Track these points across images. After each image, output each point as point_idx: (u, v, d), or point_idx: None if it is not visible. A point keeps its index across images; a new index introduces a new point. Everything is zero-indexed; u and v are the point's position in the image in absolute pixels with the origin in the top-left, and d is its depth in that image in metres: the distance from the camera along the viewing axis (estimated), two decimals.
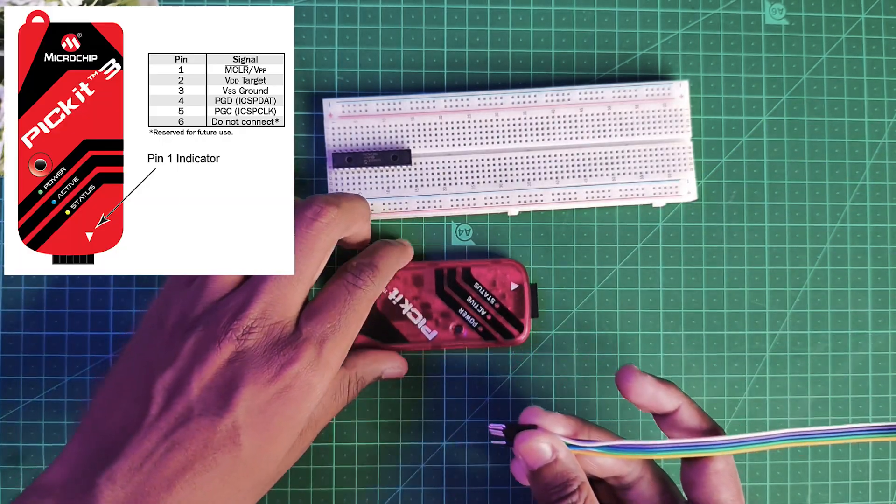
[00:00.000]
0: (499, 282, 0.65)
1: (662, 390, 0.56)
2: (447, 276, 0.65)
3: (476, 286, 0.65)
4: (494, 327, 0.65)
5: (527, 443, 0.54)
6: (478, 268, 0.65)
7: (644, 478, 0.58)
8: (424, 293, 0.65)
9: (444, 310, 0.65)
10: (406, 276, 0.65)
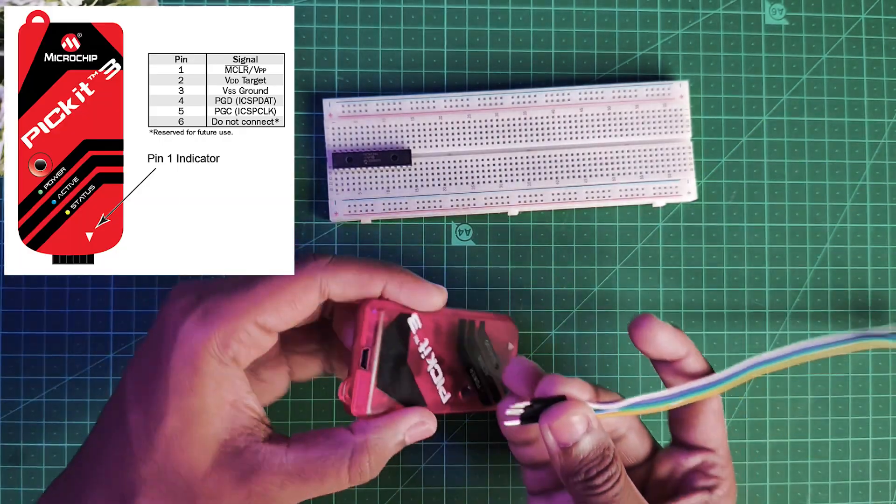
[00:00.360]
0: (499, 339, 0.60)
1: (679, 338, 0.54)
2: (467, 330, 0.57)
3: (486, 343, 0.58)
4: (493, 391, 0.58)
5: (560, 418, 0.50)
6: (491, 321, 0.59)
7: (633, 428, 0.58)
8: (450, 344, 0.56)
9: (457, 367, 0.56)
10: (438, 323, 0.55)
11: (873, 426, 0.67)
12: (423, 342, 0.54)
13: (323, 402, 0.65)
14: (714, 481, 0.55)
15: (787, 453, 0.67)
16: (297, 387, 0.64)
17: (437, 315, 0.54)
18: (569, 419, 0.50)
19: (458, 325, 0.56)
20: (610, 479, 0.49)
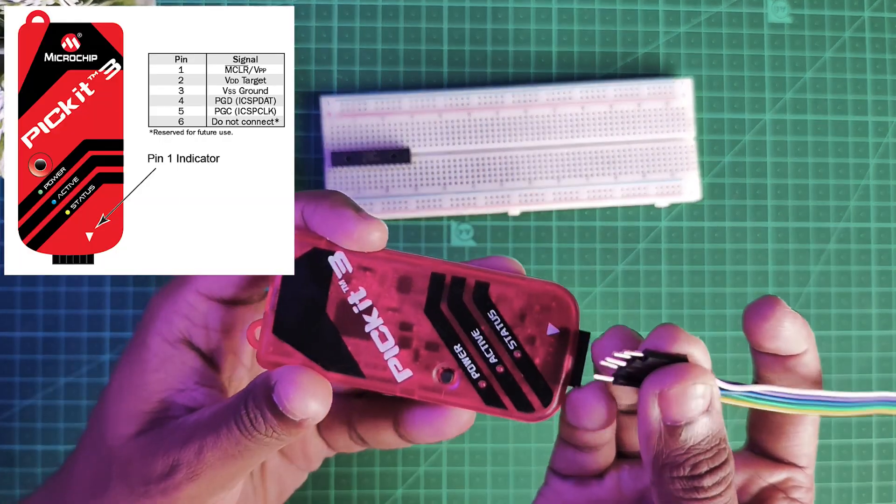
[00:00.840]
0: (531, 316, 0.44)
1: (804, 331, 0.43)
2: (450, 289, 0.44)
3: (492, 315, 0.44)
4: (506, 387, 0.44)
5: (678, 385, 0.39)
6: (502, 286, 0.44)
7: None
8: (409, 306, 0.44)
9: (434, 340, 0.44)
10: (386, 269, 0.44)
11: (876, 428, 0.66)
12: (357, 292, 0.44)
13: None
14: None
15: None
16: None
17: (394, 260, 0.45)
18: (689, 388, 0.39)
19: (430, 283, 0.44)
20: (721, 483, 0.39)
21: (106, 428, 0.47)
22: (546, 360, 0.44)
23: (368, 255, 0.44)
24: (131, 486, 0.45)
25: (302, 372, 0.43)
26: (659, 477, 0.40)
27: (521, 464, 0.65)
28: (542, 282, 0.44)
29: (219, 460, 0.44)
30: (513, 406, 0.44)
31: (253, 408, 0.43)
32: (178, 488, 0.44)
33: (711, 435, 0.40)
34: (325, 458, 0.56)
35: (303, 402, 0.42)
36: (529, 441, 0.65)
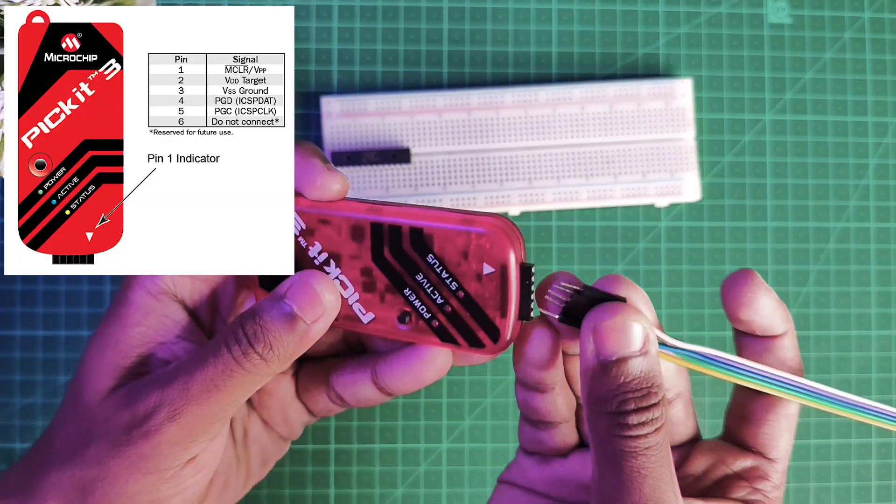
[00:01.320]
0: (473, 255, 0.44)
1: (780, 311, 0.44)
2: (388, 236, 0.45)
3: (430, 259, 0.45)
4: (455, 325, 0.45)
5: (612, 319, 0.40)
6: (438, 229, 0.44)
7: (682, 396, 0.47)
8: (364, 252, 0.46)
9: (389, 284, 0.46)
10: (340, 223, 0.46)
11: (876, 428, 0.66)
12: (315, 246, 0.46)
13: None
14: (759, 497, 0.45)
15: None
16: None
17: (341, 211, 0.46)
18: (624, 323, 0.40)
19: (370, 231, 0.45)
20: (646, 423, 0.40)
21: (84, 387, 0.47)
22: (490, 296, 0.44)
23: (320, 208, 0.46)
24: (113, 440, 0.45)
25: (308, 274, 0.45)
26: (590, 413, 0.41)
27: None
28: (483, 217, 0.44)
29: (203, 392, 0.44)
30: (465, 343, 0.45)
31: (252, 325, 0.43)
32: (160, 430, 0.44)
33: (643, 376, 0.40)
34: (305, 424, 0.56)
35: (318, 297, 0.44)
36: None
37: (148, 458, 0.45)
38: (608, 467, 0.40)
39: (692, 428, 0.48)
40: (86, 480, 0.46)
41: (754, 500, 0.45)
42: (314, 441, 0.65)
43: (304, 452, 0.65)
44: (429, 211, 0.45)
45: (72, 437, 0.47)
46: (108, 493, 0.46)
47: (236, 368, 0.43)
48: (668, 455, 0.41)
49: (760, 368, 0.43)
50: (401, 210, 0.45)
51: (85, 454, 0.46)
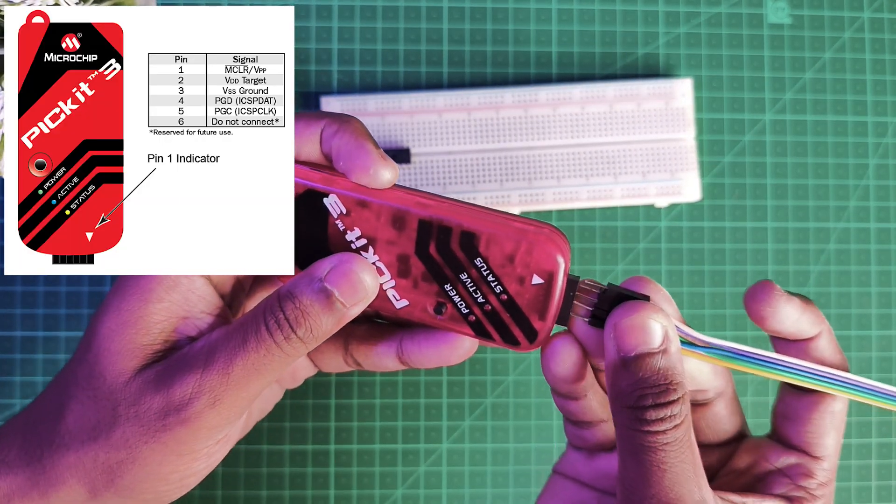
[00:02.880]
0: (520, 260, 0.45)
1: (807, 315, 0.45)
2: (437, 234, 0.45)
3: (479, 262, 0.45)
4: (493, 322, 0.46)
5: (632, 317, 0.42)
6: (491, 230, 0.45)
7: (725, 395, 0.48)
8: (405, 241, 0.45)
9: (428, 273, 0.46)
10: (381, 208, 0.45)
11: (876, 428, 0.66)
12: (354, 230, 0.45)
13: (321, 380, 0.65)
14: (801, 493, 0.45)
15: None
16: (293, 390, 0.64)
17: (386, 199, 0.45)
18: (644, 321, 0.42)
19: (418, 227, 0.45)
20: (666, 419, 0.40)
21: (104, 367, 0.45)
22: (533, 301, 0.45)
23: (362, 193, 0.45)
24: (145, 424, 0.44)
25: (349, 257, 0.44)
26: (613, 406, 0.42)
27: (521, 463, 0.65)
28: (533, 226, 0.45)
29: (244, 377, 0.43)
30: (500, 339, 0.46)
31: (293, 308, 0.43)
32: (200, 417, 0.44)
33: (661, 373, 0.41)
34: (307, 378, 0.56)
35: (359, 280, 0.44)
36: (529, 441, 0.65)
37: (184, 443, 0.44)
38: (630, 460, 0.41)
39: (738, 426, 0.49)
40: (112, 462, 0.45)
41: (797, 497, 0.45)
42: (314, 442, 0.65)
43: (305, 453, 0.65)
44: (480, 212, 0.45)
45: (90, 418, 0.46)
46: (138, 475, 0.45)
47: (277, 352, 0.43)
48: (690, 450, 0.41)
49: (792, 362, 0.44)
50: (452, 208, 0.45)
51: (111, 436, 0.45)
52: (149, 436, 0.44)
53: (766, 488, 0.46)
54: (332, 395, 0.65)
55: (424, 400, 0.65)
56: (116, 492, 0.46)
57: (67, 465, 0.46)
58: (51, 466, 0.46)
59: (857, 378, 0.44)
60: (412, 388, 0.65)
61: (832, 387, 0.44)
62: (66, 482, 0.46)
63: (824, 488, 0.45)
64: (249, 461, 0.64)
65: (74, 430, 0.46)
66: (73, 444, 0.46)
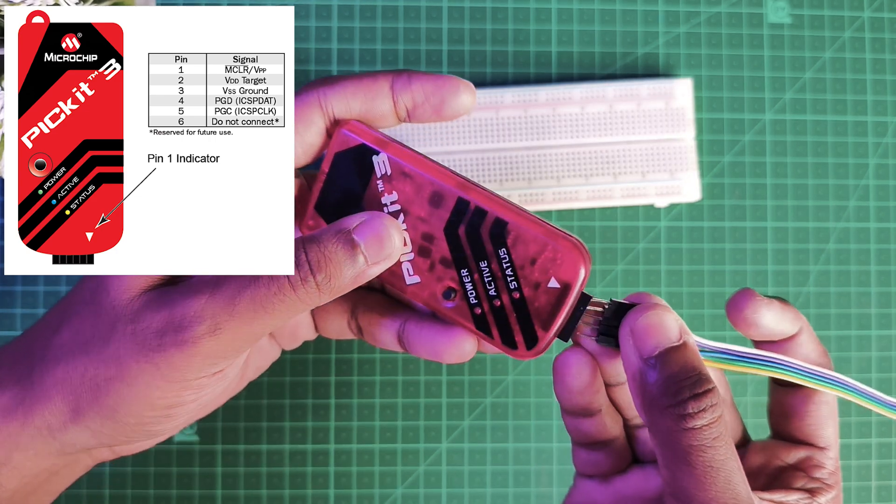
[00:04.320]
0: (541, 264, 0.45)
1: (787, 315, 0.46)
2: (471, 217, 0.45)
3: (502, 253, 0.45)
4: (497, 320, 0.46)
5: (648, 314, 0.42)
6: (522, 227, 0.45)
7: (726, 402, 0.48)
8: (435, 220, 0.46)
9: (447, 257, 0.46)
10: (423, 183, 0.46)
11: (876, 428, 0.66)
12: (391, 195, 0.46)
13: (321, 380, 0.65)
14: (817, 485, 0.45)
15: None
16: (295, 366, 0.64)
17: (431, 174, 0.46)
18: (658, 318, 0.42)
19: (455, 205, 0.46)
20: (707, 409, 0.40)
21: (111, 281, 0.45)
22: (542, 308, 0.45)
23: (410, 161, 0.46)
24: (140, 341, 0.44)
25: (382, 215, 0.44)
26: (649, 416, 0.41)
27: (521, 463, 0.65)
28: (563, 234, 0.45)
29: (250, 313, 0.43)
30: (499, 338, 0.46)
31: (317, 252, 0.43)
32: (197, 342, 0.43)
33: (689, 364, 0.41)
34: (305, 340, 0.56)
35: (387, 239, 0.44)
36: (529, 441, 0.65)
37: (176, 368, 0.44)
38: (679, 467, 0.41)
39: (739, 431, 0.49)
40: (100, 378, 0.45)
41: (815, 489, 0.45)
42: (314, 441, 0.65)
43: (304, 453, 0.65)
44: (517, 209, 0.46)
45: (86, 333, 0.46)
46: (124, 395, 0.45)
47: (289, 293, 0.43)
48: (733, 447, 0.41)
49: (780, 358, 0.45)
50: (491, 197, 0.46)
51: (103, 351, 0.45)
52: (141, 354, 0.44)
53: (786, 484, 0.46)
54: (332, 395, 0.65)
55: (424, 400, 0.65)
56: (100, 411, 0.45)
57: (55, 380, 0.46)
58: (39, 381, 0.46)
59: (845, 378, 0.46)
60: (412, 387, 0.65)
61: (820, 383, 0.45)
62: (51, 398, 0.46)
63: (835, 476, 0.46)
64: (249, 461, 0.64)
65: (68, 343, 0.46)
66: (65, 357, 0.46)
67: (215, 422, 0.64)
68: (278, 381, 0.65)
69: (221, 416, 0.64)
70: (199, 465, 0.64)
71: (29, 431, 0.46)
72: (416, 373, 0.65)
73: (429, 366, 0.65)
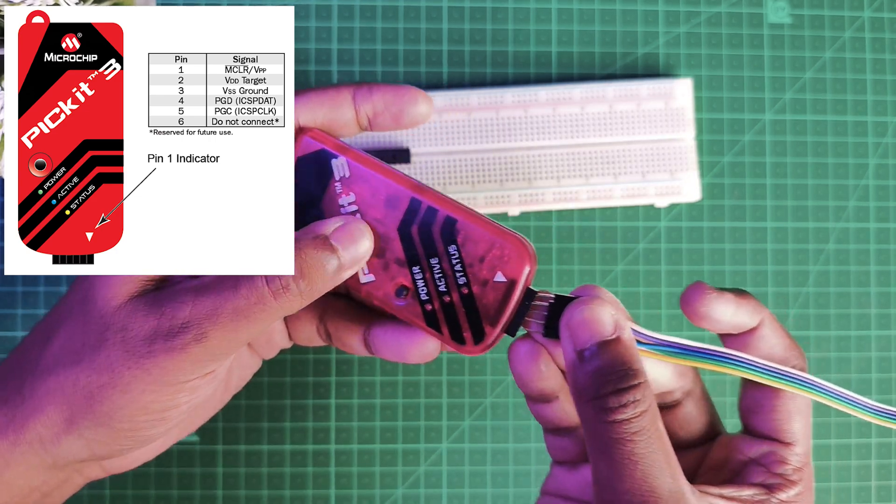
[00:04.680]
0: (489, 262, 0.46)
1: (743, 307, 0.45)
2: (423, 215, 0.47)
3: (452, 249, 0.47)
4: (447, 316, 0.47)
5: (582, 309, 0.43)
6: (471, 226, 0.47)
7: (693, 393, 0.49)
8: (390, 220, 0.48)
9: (401, 257, 0.47)
10: (379, 183, 0.48)
11: (876, 428, 0.66)
12: (348, 196, 0.48)
13: (321, 381, 0.65)
14: (778, 481, 0.45)
15: None
16: (295, 366, 0.64)
17: (387, 177, 0.47)
18: (592, 313, 0.43)
19: (409, 205, 0.47)
20: (629, 405, 0.41)
21: (97, 291, 0.46)
22: (490, 304, 0.47)
23: (367, 165, 0.48)
24: (130, 349, 0.44)
25: (355, 219, 0.46)
26: (577, 405, 0.42)
27: (521, 463, 0.65)
28: (510, 233, 0.47)
29: (233, 321, 0.44)
30: (448, 335, 0.48)
31: (299, 259, 0.44)
32: (185, 349, 0.44)
33: (618, 359, 0.42)
34: (281, 349, 0.56)
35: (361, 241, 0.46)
36: (529, 441, 0.65)
37: (168, 372, 0.44)
38: (600, 457, 0.42)
39: (711, 424, 0.50)
40: (93, 387, 0.45)
41: (775, 484, 0.45)
42: (314, 442, 0.65)
43: (305, 453, 0.65)
44: (467, 210, 0.47)
45: (76, 342, 0.46)
46: (117, 401, 0.45)
47: (270, 301, 0.43)
48: (660, 440, 0.41)
49: (739, 356, 0.45)
50: (443, 199, 0.47)
51: (94, 360, 0.45)
52: (133, 361, 0.44)
53: (743, 479, 0.46)
54: (333, 395, 0.65)
55: (424, 400, 0.65)
56: (94, 418, 0.46)
57: (47, 390, 0.46)
58: (30, 394, 0.46)
59: (804, 375, 0.45)
60: (412, 388, 0.65)
61: (774, 379, 0.45)
62: (43, 410, 0.46)
63: (801, 473, 0.46)
64: (250, 461, 0.64)
65: (59, 354, 0.47)
66: (56, 368, 0.46)
67: (216, 422, 0.64)
68: (279, 382, 0.65)
69: (222, 416, 0.64)
70: (199, 466, 0.64)
71: (21, 448, 0.47)
72: (417, 373, 0.65)
73: (429, 366, 0.65)
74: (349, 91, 0.48)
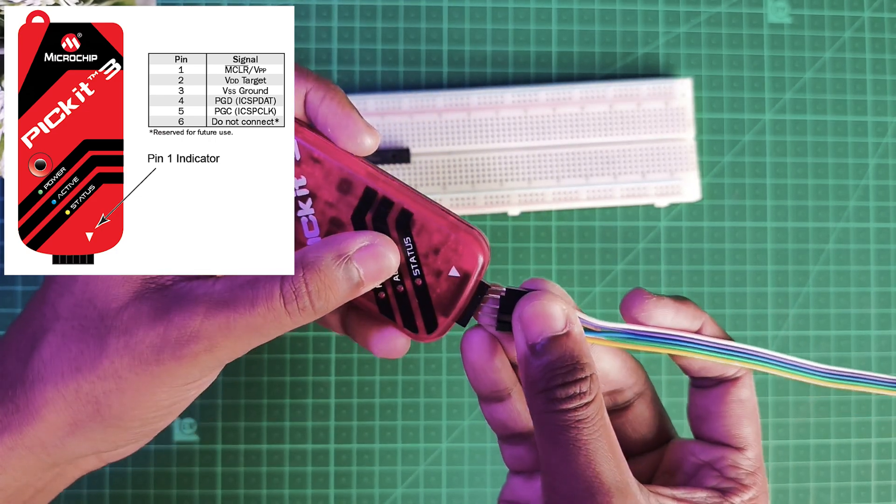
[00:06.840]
0: (444, 254, 0.46)
1: (683, 312, 0.46)
2: (378, 205, 0.46)
3: (406, 241, 0.47)
4: (400, 304, 0.47)
5: (534, 304, 0.43)
6: (427, 218, 0.46)
7: (644, 395, 0.50)
8: (344, 206, 0.47)
9: None
10: (332, 166, 0.46)
11: (876, 427, 0.66)
12: (300, 179, 0.47)
13: (321, 380, 0.65)
14: (732, 485, 0.46)
15: (788, 455, 0.66)
16: (295, 365, 0.64)
17: (341, 160, 0.46)
18: (544, 307, 0.43)
19: (363, 193, 0.46)
20: (576, 397, 0.42)
21: (95, 293, 0.45)
22: (443, 294, 0.47)
23: (320, 147, 0.47)
24: (137, 356, 0.44)
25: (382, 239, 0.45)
26: (527, 397, 0.43)
27: None
28: (465, 226, 0.47)
29: (245, 334, 0.43)
30: (401, 321, 0.47)
31: (317, 281, 0.43)
32: (195, 357, 0.43)
33: (568, 353, 0.43)
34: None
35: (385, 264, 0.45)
36: None
37: (177, 377, 0.44)
38: (547, 445, 0.42)
39: (663, 428, 0.50)
40: (97, 393, 0.45)
41: (728, 489, 0.46)
42: (314, 441, 0.65)
43: (305, 452, 0.65)
44: (423, 200, 0.47)
45: (72, 349, 0.45)
46: (127, 403, 0.45)
47: (285, 318, 0.43)
48: (604, 430, 0.42)
49: (688, 336, 0.46)
50: (399, 188, 0.47)
51: (96, 367, 0.45)
52: (141, 367, 0.44)
53: (697, 482, 0.46)
54: (332, 395, 0.65)
55: (424, 399, 0.65)
56: (102, 421, 0.46)
57: (45, 401, 0.46)
58: (25, 405, 0.46)
59: (751, 348, 0.46)
60: (412, 387, 0.65)
61: (725, 356, 0.46)
62: (43, 419, 0.46)
63: (754, 477, 0.46)
64: (249, 460, 0.64)
65: (52, 362, 0.46)
66: (52, 376, 0.46)
67: (215, 421, 0.64)
68: (279, 381, 0.65)
69: (222, 415, 0.64)
70: (199, 465, 0.64)
71: (18, 452, 0.47)
72: (416, 373, 0.65)
73: (429, 366, 0.65)
74: (308, 85, 0.47)
